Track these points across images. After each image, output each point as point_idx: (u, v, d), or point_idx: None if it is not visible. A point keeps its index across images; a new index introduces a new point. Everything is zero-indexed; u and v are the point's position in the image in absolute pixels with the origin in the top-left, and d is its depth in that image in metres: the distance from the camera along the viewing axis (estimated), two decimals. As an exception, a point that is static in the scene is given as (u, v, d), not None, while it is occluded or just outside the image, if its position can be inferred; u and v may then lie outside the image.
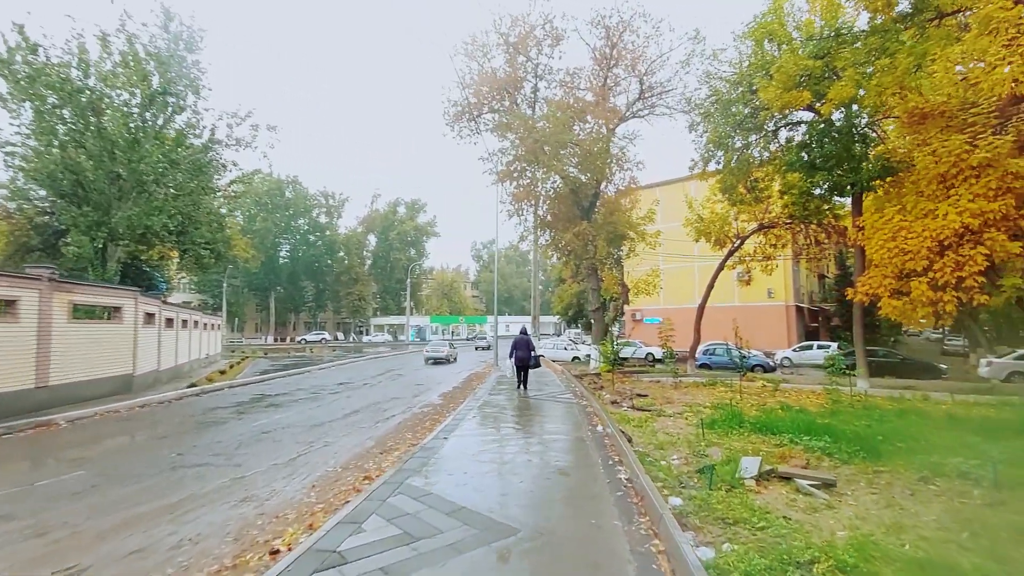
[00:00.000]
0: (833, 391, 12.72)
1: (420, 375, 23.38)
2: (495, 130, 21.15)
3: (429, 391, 17.06)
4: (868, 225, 15.92)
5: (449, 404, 13.42)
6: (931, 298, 14.60)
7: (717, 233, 23.81)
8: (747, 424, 8.45)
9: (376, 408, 13.09)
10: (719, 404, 11.17)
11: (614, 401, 11.78)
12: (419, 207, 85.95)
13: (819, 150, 16.42)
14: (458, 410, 11.39)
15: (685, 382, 15.32)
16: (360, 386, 18.58)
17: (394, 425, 10.64)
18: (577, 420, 9.52)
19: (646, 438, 8.17)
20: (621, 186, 22.67)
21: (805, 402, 11.89)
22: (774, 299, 38.09)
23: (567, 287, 44.67)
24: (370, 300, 79.42)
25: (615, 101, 21.68)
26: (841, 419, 9.35)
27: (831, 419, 9.43)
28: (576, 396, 13.01)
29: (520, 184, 21.40)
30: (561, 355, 32.93)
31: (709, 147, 18.22)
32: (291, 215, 72.70)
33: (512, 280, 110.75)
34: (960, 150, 14.17)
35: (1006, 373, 22.58)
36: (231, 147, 22.18)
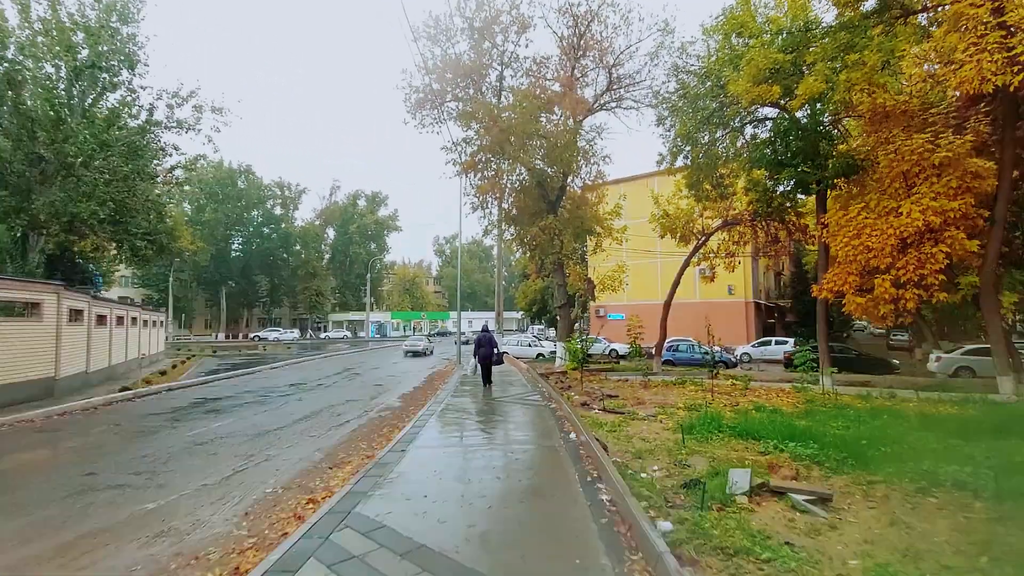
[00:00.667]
0: (803, 389, 12.56)
1: (379, 374, 22.36)
2: (459, 119, 20.30)
3: (388, 392, 16.15)
4: (833, 222, 15.91)
5: (409, 407, 12.60)
6: (893, 295, 14.69)
7: (682, 229, 23.68)
8: (726, 428, 8.01)
9: (329, 413, 12.12)
10: (692, 405, 10.77)
11: (584, 403, 11.22)
12: (380, 200, 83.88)
13: (785, 147, 16.32)
14: (419, 415, 10.59)
15: (654, 381, 14.97)
16: (314, 387, 17.47)
17: (347, 433, 9.76)
18: (547, 426, 8.88)
19: (622, 445, 7.61)
20: (588, 180, 22.21)
21: (777, 401, 11.64)
22: (734, 296, 38.64)
23: (531, 283, 44.19)
24: (328, 295, 77.02)
25: (583, 92, 21.21)
26: (817, 420, 9.07)
27: (807, 420, 9.14)
28: (544, 397, 12.40)
29: (485, 176, 20.64)
30: (525, 352, 32.45)
31: (677, 141, 17.91)
32: (244, 206, 69.55)
33: (475, 276, 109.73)
34: (922, 149, 14.25)
35: (954, 368, 23.32)
36: (172, 129, 20.58)
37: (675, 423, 9.05)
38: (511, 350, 32.54)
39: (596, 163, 21.92)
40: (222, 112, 21.17)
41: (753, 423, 8.21)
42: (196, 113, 20.67)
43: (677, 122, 17.87)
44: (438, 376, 20.80)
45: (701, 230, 23.13)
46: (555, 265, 21.53)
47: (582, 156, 21.26)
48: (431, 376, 21.03)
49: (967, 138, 13.97)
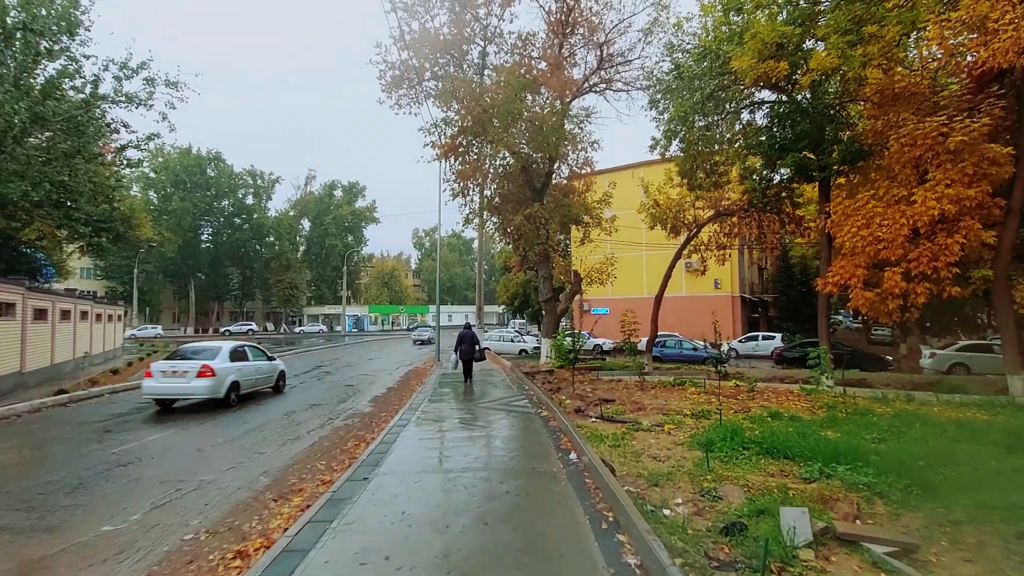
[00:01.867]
0: (813, 392, 11.53)
1: (352, 372, 20.85)
2: (438, 98, 18.80)
3: (359, 394, 14.70)
4: (839, 211, 14.89)
5: (380, 414, 11.20)
6: (904, 289, 13.76)
7: (673, 220, 22.58)
8: (751, 444, 6.81)
9: (287, 422, 10.66)
10: (699, 411, 9.59)
11: (578, 409, 9.97)
12: (358, 191, 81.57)
13: (790, 130, 15.23)
14: (390, 425, 9.21)
15: (650, 381, 13.79)
16: (278, 388, 15.91)
17: (305, 449, 8.34)
18: (541, 441, 7.57)
19: (631, 466, 6.36)
20: (576, 167, 20.90)
21: (790, 406, 10.54)
22: (720, 290, 37.87)
23: (513, 276, 42.84)
24: (304, 288, 74.62)
25: (571, 73, 19.86)
26: (847, 431, 7.96)
27: (835, 430, 8.04)
28: (532, 403, 11.11)
29: (466, 160, 19.20)
30: (508, 348, 31.16)
31: (673, 124, 16.71)
32: (213, 195, 66.73)
33: (455, 269, 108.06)
34: (936, 132, 13.26)
35: (948, 364, 22.79)
36: (120, 104, 18.66)
37: (687, 435, 7.84)
38: (493, 346, 31.26)
39: (584, 148, 20.61)
40: (177, 87, 19.29)
41: (780, 437, 7.03)
42: (148, 87, 18.75)
43: (673, 103, 16.65)
44: (415, 375, 19.39)
45: (693, 221, 22.05)
46: (540, 257, 20.24)
47: (569, 141, 19.95)
48: (407, 375, 19.61)
49: (984, 121, 13.00)
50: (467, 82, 18.47)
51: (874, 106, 15.37)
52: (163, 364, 12.17)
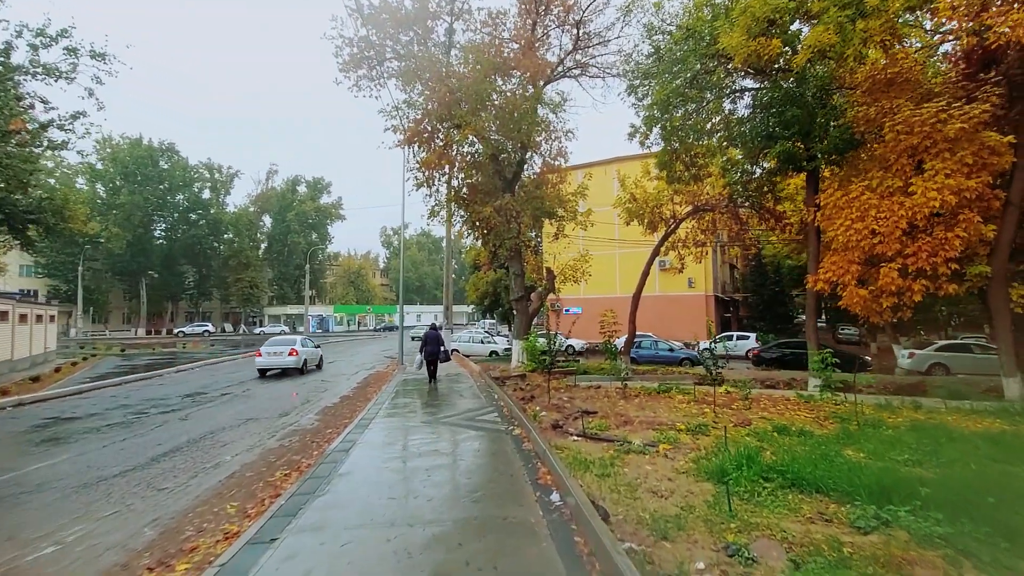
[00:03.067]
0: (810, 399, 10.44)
1: (306, 377, 19.01)
2: (401, 78, 17.19)
3: (307, 404, 13.01)
4: (830, 204, 13.94)
5: (326, 430, 9.58)
6: (900, 286, 12.87)
7: (650, 215, 21.51)
8: (772, 473, 5.53)
9: (212, 442, 8.95)
10: (694, 425, 8.31)
11: (555, 424, 8.56)
12: (323, 187, 78.67)
13: (778, 116, 14.20)
14: (332, 447, 7.66)
15: (632, 388, 12.50)
16: (215, 398, 14.08)
17: (218, 483, 6.70)
18: (515, 474, 6.09)
19: (627, 505, 4.99)
20: (549, 157, 19.55)
21: (793, 417, 9.38)
22: (695, 289, 37.19)
23: (482, 275, 41.29)
24: (264, 288, 71.35)
25: (545, 56, 18.49)
26: (870, 450, 6.80)
27: (856, 448, 6.87)
28: (503, 416, 9.67)
29: (431, 147, 17.63)
30: (477, 349, 29.64)
31: (653, 109, 15.49)
32: (167, 189, 63.13)
33: (424, 268, 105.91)
34: (934, 119, 12.38)
35: (928, 365, 22.35)
36: (38, 77, 16.46)
37: (688, 459, 6.53)
38: (462, 347, 29.71)
39: (558, 138, 19.31)
40: (105, 59, 17.18)
41: (802, 462, 5.77)
42: (70, 57, 16.62)
43: (654, 87, 15.44)
44: (375, 380, 17.72)
45: (672, 216, 21.00)
46: (512, 252, 18.82)
47: (543, 128, 18.61)
48: (366, 380, 17.92)
49: (983, 107, 12.18)
50: (432, 61, 16.92)
51: (865, 93, 14.54)
52: (267, 348, 19.84)
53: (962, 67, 14.70)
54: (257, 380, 18.15)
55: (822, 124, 13.81)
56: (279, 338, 23.30)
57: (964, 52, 16.53)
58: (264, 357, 19.33)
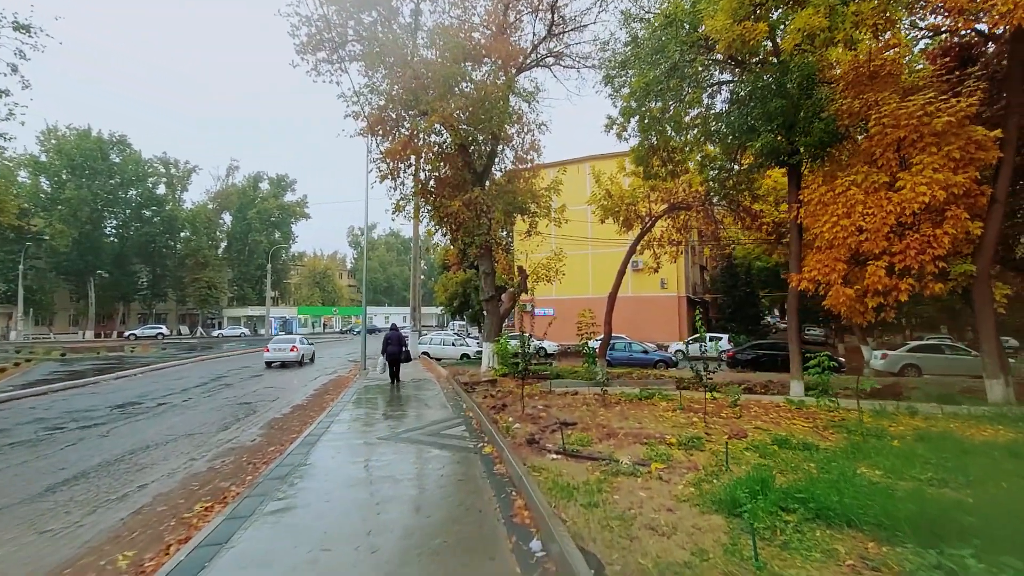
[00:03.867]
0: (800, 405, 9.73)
1: (258, 384, 17.54)
2: (363, 60, 15.97)
3: (255, 415, 11.67)
4: (814, 200, 13.38)
5: (268, 448, 8.35)
6: (887, 285, 12.36)
7: (626, 213, 20.77)
8: (792, 501, 4.64)
9: (127, 464, 7.61)
10: (686, 438, 7.43)
11: (531, 438, 7.56)
12: (287, 184, 75.94)
13: (761, 107, 13.55)
14: (270, 469, 6.49)
15: (612, 394, 11.59)
16: (150, 409, 12.57)
17: (120, 520, 5.46)
18: (485, 511, 4.96)
19: (622, 547, 4.03)
20: (522, 150, 18.61)
21: (790, 427, 8.60)
22: (667, 290, 36.83)
23: (451, 275, 40.10)
24: (224, 288, 68.26)
25: (518, 42, 17.54)
26: (886, 467, 6.05)
27: (866, 463, 6.11)
28: (472, 430, 8.60)
29: (396, 136, 16.46)
30: (449, 352, 28.35)
31: (633, 97, 14.69)
32: (119, 184, 59.63)
33: (392, 269, 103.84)
34: (921, 112, 11.94)
35: (900, 365, 22.26)
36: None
37: (687, 482, 5.62)
38: (433, 350, 28.43)
39: (531, 130, 18.42)
40: (30, 31, 15.43)
41: (822, 485, 4.91)
42: (-13, 28, 14.85)
43: (633, 75, 14.64)
44: (334, 386, 16.41)
45: (648, 213, 20.30)
46: (482, 250, 17.79)
47: (515, 120, 17.67)
48: (325, 387, 16.58)
49: (971, 100, 11.79)
50: (397, 44, 15.76)
51: (848, 86, 14.08)
52: (273, 345, 24.58)
53: (940, 63, 14.40)
54: (202, 388, 16.61)
55: (806, 116, 13.21)
56: (281, 337, 28.18)
57: (942, 48, 16.35)
58: (271, 352, 24.16)
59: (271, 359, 23.99)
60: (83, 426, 10.47)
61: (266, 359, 24.08)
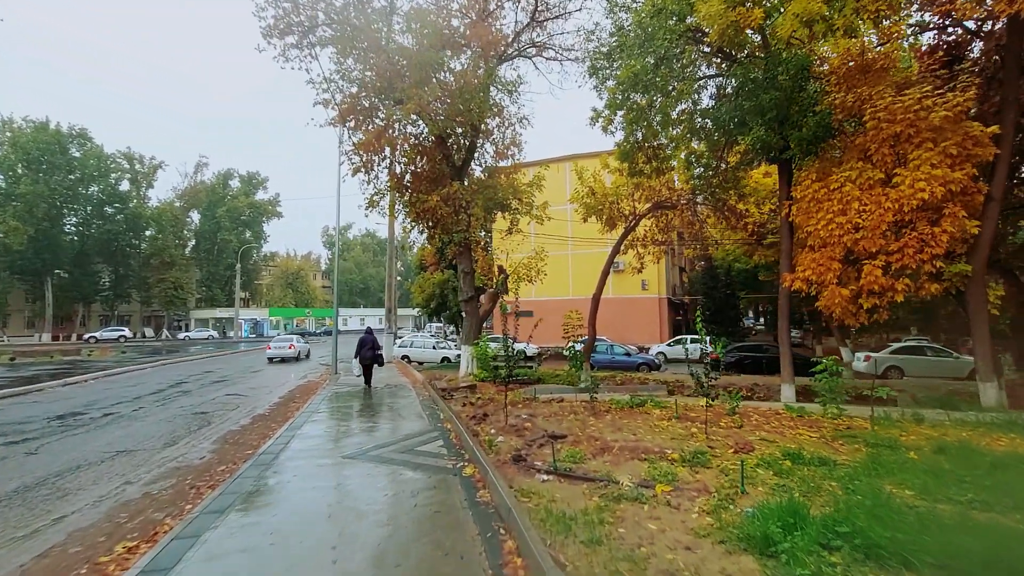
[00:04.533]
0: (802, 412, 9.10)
1: (218, 392, 16.34)
2: (334, 44, 14.96)
3: (210, 427, 10.59)
4: (807, 197, 12.89)
5: (216, 468, 7.34)
6: (883, 285, 11.91)
7: (609, 211, 20.15)
8: (831, 535, 3.92)
9: (49, 489, 6.54)
10: (689, 452, 6.69)
11: (517, 455, 6.73)
12: (258, 182, 73.64)
13: (753, 100, 12.99)
14: (211, 497, 5.54)
15: (602, 402, 10.82)
16: (94, 420, 11.37)
17: (20, 567, 4.45)
18: (468, 559, 4.09)
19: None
20: (502, 145, 17.80)
21: (797, 437, 7.95)
22: (648, 292, 36.41)
23: (428, 275, 39.00)
24: (191, 289, 65.74)
25: (500, 28, 16.73)
26: (918, 486, 5.41)
27: (893, 481, 5.45)
28: (450, 445, 7.72)
29: (371, 125, 15.49)
30: (429, 356, 27.21)
31: (621, 88, 14.01)
32: (79, 179, 56.83)
33: (368, 270, 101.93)
34: (918, 107, 11.52)
35: (883, 367, 22.11)
36: None
37: (703, 508, 4.87)
38: (413, 354, 27.30)
39: (512, 124, 17.62)
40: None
41: (863, 514, 4.20)
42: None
43: (620, 66, 13.94)
44: (301, 394, 15.33)
45: (633, 212, 19.69)
46: (461, 248, 16.91)
47: (495, 112, 16.87)
48: (292, 394, 15.49)
49: (969, 95, 11.42)
50: (372, 29, 14.79)
51: (840, 80, 13.64)
52: (274, 344, 28.48)
53: (928, 61, 14.05)
54: (156, 395, 15.36)
55: (800, 110, 12.71)
56: (281, 337, 32.49)
57: (930, 47, 16.07)
58: (272, 349, 27.88)
59: (273, 355, 27.51)
60: (10, 441, 9.28)
61: (268, 355, 27.57)
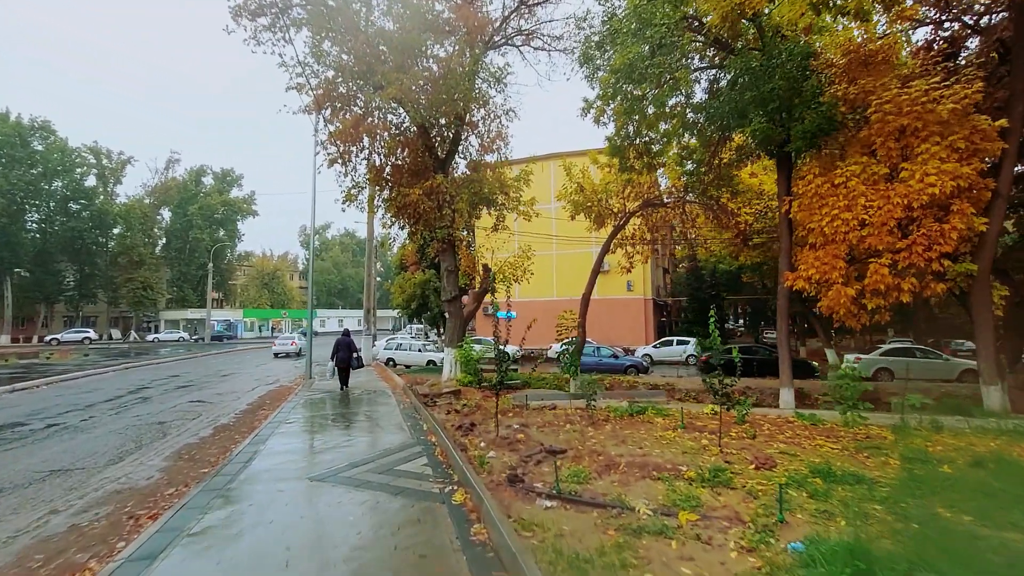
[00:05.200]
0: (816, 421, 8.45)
1: (180, 399, 15.13)
2: (310, 25, 13.94)
3: (165, 439, 9.52)
4: (809, 192, 12.32)
5: (166, 490, 6.35)
6: (889, 285, 11.38)
7: (599, 208, 19.44)
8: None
9: (-46, 523, 5.50)
10: (709, 470, 5.93)
11: (513, 475, 5.88)
12: (233, 179, 71.56)
13: (754, 90, 12.37)
14: (152, 530, 4.58)
15: (599, 409, 10.02)
16: (34, 432, 10.19)
17: None
18: None
19: None
20: (487, 139, 16.93)
21: (819, 450, 7.24)
22: (633, 293, 35.85)
23: (409, 276, 37.89)
24: (161, 289, 63.31)
25: (487, 12, 15.87)
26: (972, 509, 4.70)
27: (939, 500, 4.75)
28: (435, 463, 6.80)
29: (348, 113, 14.51)
30: (415, 359, 25.98)
31: (616, 77, 13.27)
32: (41, 174, 54.22)
33: (347, 270, 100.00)
34: (924, 99, 11.06)
35: (874, 369, 21.79)
36: None
37: (738, 542, 4.09)
38: (397, 356, 26.16)
39: (498, 117, 16.78)
40: None
41: (942, 553, 3.48)
42: None
43: (612, 57, 13.20)
44: (271, 400, 14.27)
45: (623, 209, 19.01)
46: (444, 244, 16.00)
47: (482, 103, 16.02)
48: (260, 401, 14.40)
49: (976, 86, 10.98)
50: (351, 11, 13.82)
51: (842, 72, 13.16)
52: (279, 342, 33.63)
53: (924, 58, 13.61)
54: (113, 403, 14.14)
55: (804, 101, 12.12)
56: (284, 336, 37.17)
57: (926, 43, 15.70)
58: (277, 346, 32.83)
59: (278, 351, 32.32)
60: (-74, 460, 8.11)
61: (274, 351, 32.50)
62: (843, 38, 13.47)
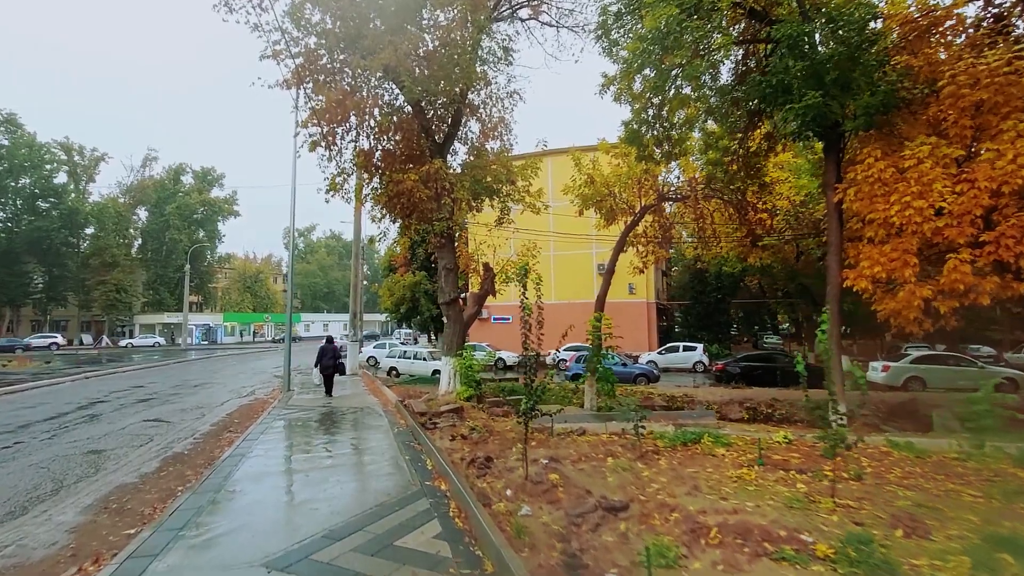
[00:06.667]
0: (975, 453, 6.71)
1: (138, 415, 13.02)
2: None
3: (96, 476, 7.49)
4: (870, 178, 10.60)
5: (63, 560, 4.37)
6: (969, 285, 9.73)
7: (611, 202, 17.74)
8: None
9: None
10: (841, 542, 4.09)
11: (568, 555, 4.02)
12: (214, 178, 68.80)
13: (806, 60, 10.63)
14: None
15: (646, 436, 8.16)
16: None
17: None
18: None
19: None
20: (488, 124, 15.14)
21: (953, 496, 5.46)
22: (636, 296, 34.16)
23: (398, 277, 35.80)
24: (136, 292, 60.32)
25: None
26: None
27: None
28: (451, 532, 4.77)
29: (334, 86, 12.59)
30: (419, 368, 23.88)
31: (644, 45, 11.48)
32: (7, 170, 51.34)
33: (333, 273, 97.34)
34: (1008, 68, 9.48)
35: (904, 379, 20.26)
36: None
37: None
38: (400, 365, 24.11)
39: (501, 99, 15.01)
40: None
41: None
42: None
43: (646, 16, 11.39)
44: (243, 416, 12.25)
45: (640, 204, 17.30)
46: (442, 239, 14.10)
47: (484, 84, 14.25)
48: (230, 418, 12.36)
49: (1070, 53, 9.42)
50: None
51: (900, 43, 11.58)
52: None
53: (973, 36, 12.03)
54: (53, 422, 12.00)
55: (865, 71, 10.42)
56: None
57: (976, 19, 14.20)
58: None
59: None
60: None
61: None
62: (898, 8, 11.86)
